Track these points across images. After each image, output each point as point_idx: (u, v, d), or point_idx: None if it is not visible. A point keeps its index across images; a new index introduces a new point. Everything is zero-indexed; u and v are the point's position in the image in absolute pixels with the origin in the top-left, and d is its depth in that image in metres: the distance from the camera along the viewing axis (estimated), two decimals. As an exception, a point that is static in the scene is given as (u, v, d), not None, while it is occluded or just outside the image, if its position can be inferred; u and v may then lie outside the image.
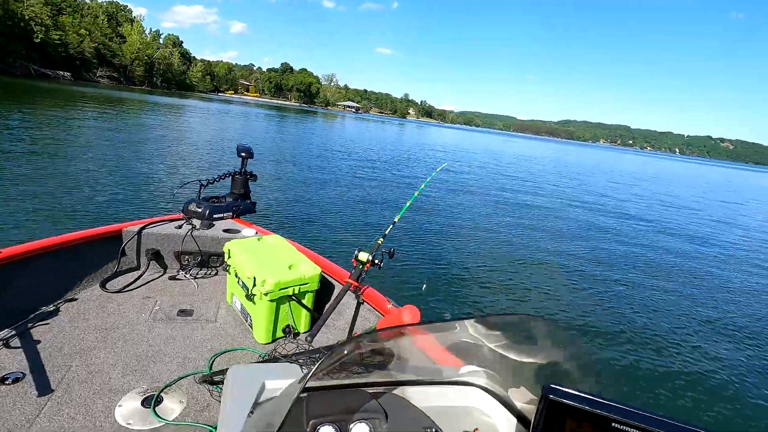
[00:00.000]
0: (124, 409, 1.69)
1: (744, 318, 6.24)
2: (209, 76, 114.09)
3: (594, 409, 0.67)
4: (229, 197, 3.46)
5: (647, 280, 7.25)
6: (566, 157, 55.47)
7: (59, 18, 61.94)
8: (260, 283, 2.19)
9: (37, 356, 1.88)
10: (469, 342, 1.09)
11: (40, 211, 6.18)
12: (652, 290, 6.83)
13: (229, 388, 1.05)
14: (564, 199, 15.84)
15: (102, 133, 15.19)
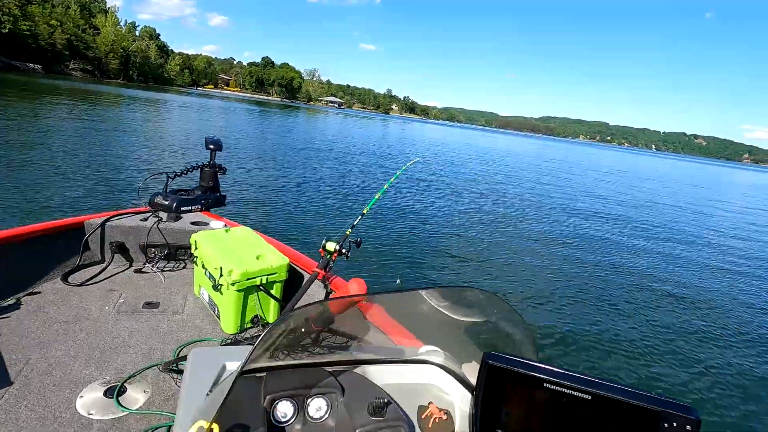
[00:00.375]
0: (85, 399, 1.67)
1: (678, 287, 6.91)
2: (188, 70, 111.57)
3: (528, 371, 0.71)
4: (198, 190, 3.41)
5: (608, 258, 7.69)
6: (546, 153, 56.53)
7: (28, 8, 59.51)
8: (227, 273, 2.18)
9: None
10: (419, 314, 1.12)
11: (2, 202, 5.99)
12: (609, 267, 7.35)
13: (190, 370, 1.06)
14: (541, 193, 16.22)
15: (71, 126, 14.75)
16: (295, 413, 0.99)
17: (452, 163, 22.93)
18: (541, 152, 56.21)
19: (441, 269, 6.28)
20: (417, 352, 1.27)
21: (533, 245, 8.40)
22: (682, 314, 5.87)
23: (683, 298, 6.50)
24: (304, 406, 1.00)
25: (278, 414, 0.98)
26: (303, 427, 0.99)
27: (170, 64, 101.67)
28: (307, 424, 1.00)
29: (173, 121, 24.10)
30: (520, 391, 0.73)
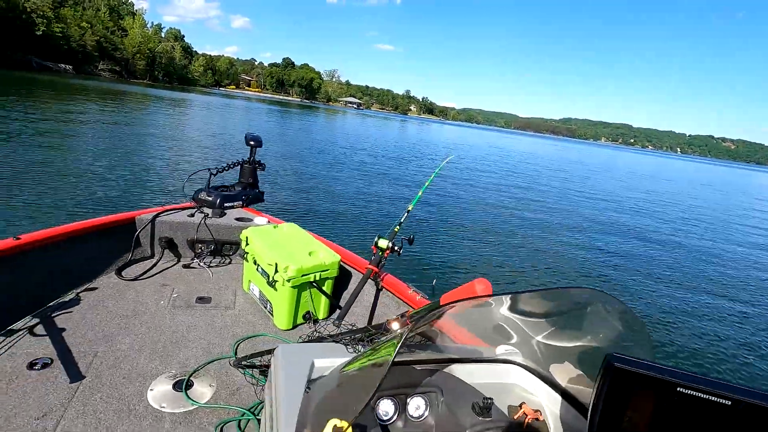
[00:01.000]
0: (156, 392, 1.70)
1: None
2: (211, 71, 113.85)
3: (660, 375, 0.67)
4: (238, 186, 3.45)
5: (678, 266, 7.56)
6: (568, 155, 55.53)
7: (61, 10, 61.65)
8: (282, 270, 2.20)
9: (63, 343, 1.90)
10: (517, 317, 1.10)
11: (52, 200, 6.23)
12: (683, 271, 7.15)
13: (280, 366, 1.06)
14: (565, 192, 15.95)
15: (107, 125, 15.19)
16: (396, 412, 0.99)
17: (478, 163, 22.78)
18: (561, 154, 55.30)
19: (484, 265, 6.28)
20: (496, 352, 1.26)
21: (570, 248, 8.27)
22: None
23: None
24: (405, 404, 1.00)
25: (380, 413, 0.98)
26: (405, 425, 0.99)
27: (194, 64, 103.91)
28: (408, 423, 1.00)
29: (200, 120, 24.60)
30: (647, 395, 0.69)
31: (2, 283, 2.03)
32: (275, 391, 1.03)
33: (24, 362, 1.74)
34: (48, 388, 1.63)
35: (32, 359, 1.76)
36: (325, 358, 1.09)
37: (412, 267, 5.51)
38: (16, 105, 16.36)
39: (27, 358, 1.76)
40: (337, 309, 2.58)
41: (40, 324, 2.00)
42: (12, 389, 1.59)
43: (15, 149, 8.98)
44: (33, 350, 1.82)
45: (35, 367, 1.72)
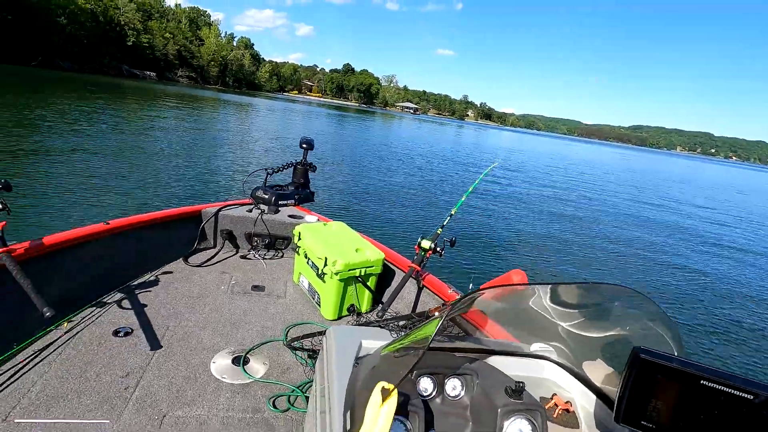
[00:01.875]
0: (217, 365, 1.94)
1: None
2: (276, 77, 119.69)
3: (684, 368, 0.71)
4: (291, 186, 3.71)
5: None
6: (636, 164, 51.82)
7: (148, 23, 68.09)
8: (331, 263, 2.38)
9: (141, 316, 2.20)
10: (550, 310, 1.16)
11: (135, 191, 7.04)
12: None
13: (332, 344, 1.21)
14: (629, 203, 14.97)
15: (182, 127, 16.62)
16: (434, 389, 1.09)
17: (530, 169, 22.06)
18: (629, 163, 51.69)
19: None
20: (531, 348, 1.32)
21: (623, 259, 7.85)
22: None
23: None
24: (443, 384, 1.10)
25: (420, 388, 1.08)
26: (442, 402, 1.09)
27: (261, 71, 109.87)
28: (446, 401, 1.10)
29: (263, 122, 26.09)
30: (671, 387, 0.73)
31: (95, 260, 2.36)
32: (327, 365, 1.17)
33: (110, 330, 2.04)
34: (129, 353, 1.91)
35: (117, 327, 2.06)
36: (371, 340, 1.23)
37: (453, 268, 5.56)
38: (109, 107, 18.39)
39: (112, 326, 2.07)
40: (379, 304, 2.73)
41: (123, 298, 2.33)
42: (101, 351, 1.89)
43: (107, 146, 10.16)
44: (117, 320, 2.14)
45: (119, 334, 2.02)
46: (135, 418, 1.56)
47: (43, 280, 1.79)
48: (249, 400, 1.75)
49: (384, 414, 0.78)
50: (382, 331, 1.38)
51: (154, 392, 1.70)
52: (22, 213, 5.10)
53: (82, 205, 5.92)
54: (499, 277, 1.29)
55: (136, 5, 64.61)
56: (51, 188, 6.36)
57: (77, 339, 1.93)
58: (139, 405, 1.62)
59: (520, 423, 0.99)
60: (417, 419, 0.93)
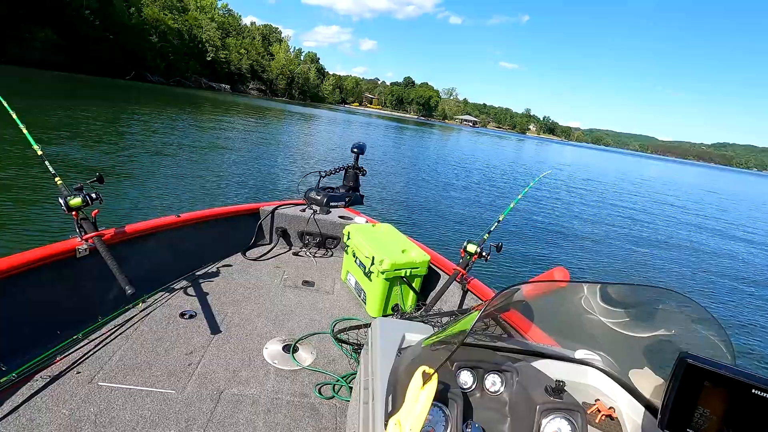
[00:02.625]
0: (269, 350, 2.08)
1: None
2: (338, 89, 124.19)
3: (734, 375, 0.68)
4: (342, 188, 3.86)
5: None
6: (724, 185, 47.04)
7: (226, 40, 73.85)
8: (378, 262, 2.47)
9: (204, 302, 2.40)
10: (595, 311, 1.14)
11: (204, 187, 7.71)
12: None
13: (377, 335, 1.28)
14: (709, 226, 13.61)
15: (247, 133, 17.82)
16: (474, 383, 1.11)
17: (591, 184, 20.85)
18: (713, 183, 47.01)
19: None
20: (575, 355, 1.29)
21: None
22: None
23: None
24: (483, 379, 1.12)
25: (460, 380, 1.11)
26: (481, 396, 1.11)
27: (325, 84, 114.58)
28: (484, 395, 1.11)
29: (324, 131, 27.22)
30: (719, 395, 0.70)
31: (167, 248, 2.60)
32: (372, 353, 1.24)
33: (177, 312, 2.26)
34: (193, 333, 2.10)
35: (183, 310, 2.28)
36: (414, 333, 1.29)
37: (498, 273, 5.44)
38: (188, 116, 20.18)
39: (179, 308, 2.29)
40: (423, 305, 2.77)
41: (189, 284, 2.56)
42: (170, 329, 2.10)
43: (182, 148, 11.17)
44: (183, 304, 2.35)
45: (185, 317, 2.23)
46: (196, 391, 1.72)
47: (124, 263, 2.01)
48: (297, 385, 1.86)
49: (424, 396, 0.79)
50: (425, 326, 1.42)
51: (213, 370, 1.86)
52: (109, 203, 5.72)
53: (158, 197, 6.58)
54: (541, 274, 1.28)
55: (216, 24, 70.47)
56: (133, 182, 7.13)
57: (150, 318, 2.16)
58: (201, 380, 1.78)
59: (559, 422, 0.98)
60: (456, 408, 0.93)
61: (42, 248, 1.86)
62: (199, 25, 65.91)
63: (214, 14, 73.47)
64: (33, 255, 1.80)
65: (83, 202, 1.93)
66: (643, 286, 1.01)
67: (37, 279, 1.83)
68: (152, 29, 52.28)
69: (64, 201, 1.90)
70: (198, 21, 66.02)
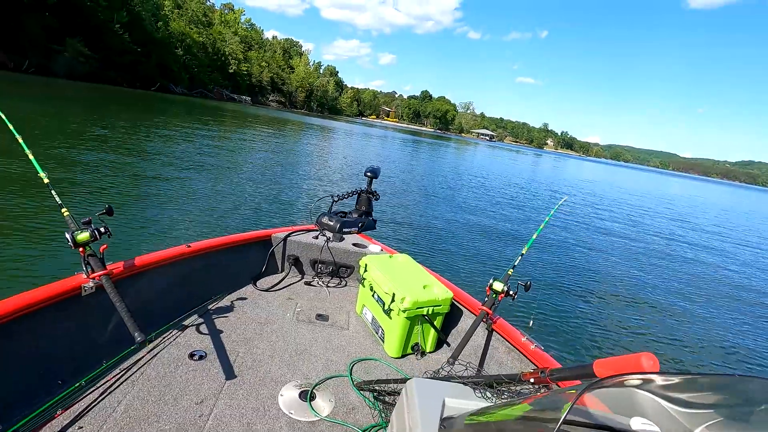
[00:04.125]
0: (285, 398, 1.90)
1: None
2: (356, 102, 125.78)
3: None
4: (355, 213, 3.69)
5: None
6: (752, 204, 45.48)
7: (248, 53, 75.77)
8: (399, 300, 2.31)
9: (215, 340, 2.25)
10: (674, 402, 0.92)
11: (214, 213, 7.36)
12: None
13: (414, 398, 1.14)
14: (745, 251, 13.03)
15: (262, 148, 17.94)
16: None
17: (617, 205, 20.35)
18: (743, 203, 45.48)
19: (595, 323, 5.60)
20: (630, 425, 1.09)
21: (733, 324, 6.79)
22: None
23: None
24: None
25: None
26: None
27: (343, 96, 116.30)
28: None
29: (339, 147, 27.32)
30: None
31: (176, 280, 2.45)
32: (409, 420, 1.11)
33: (186, 352, 2.09)
34: (203, 378, 1.94)
35: (192, 350, 2.11)
36: (455, 399, 1.15)
37: (523, 310, 5.18)
38: (207, 129, 20.53)
39: (188, 348, 2.13)
40: (444, 345, 2.59)
41: (198, 319, 2.40)
42: (178, 374, 1.94)
43: (195, 168, 11.13)
44: (193, 342, 2.19)
45: (194, 357, 2.06)
46: None
47: (133, 298, 1.90)
48: None
49: None
50: (466, 388, 1.29)
51: (226, 422, 1.71)
52: (118, 232, 5.30)
53: (169, 223, 6.23)
54: (622, 357, 1.09)
55: (239, 38, 72.44)
56: (143, 207, 6.70)
57: (158, 359, 2.01)
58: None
59: None
60: None
61: (44, 287, 1.74)
62: (222, 38, 67.85)
63: (238, 28, 75.59)
64: (34, 296, 1.68)
65: (91, 237, 1.82)
66: (744, 377, 0.78)
67: (38, 322, 1.71)
68: (178, 42, 53.95)
69: (70, 236, 1.79)
70: (222, 35, 67.99)
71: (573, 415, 0.75)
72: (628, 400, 0.93)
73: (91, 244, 1.85)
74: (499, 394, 1.37)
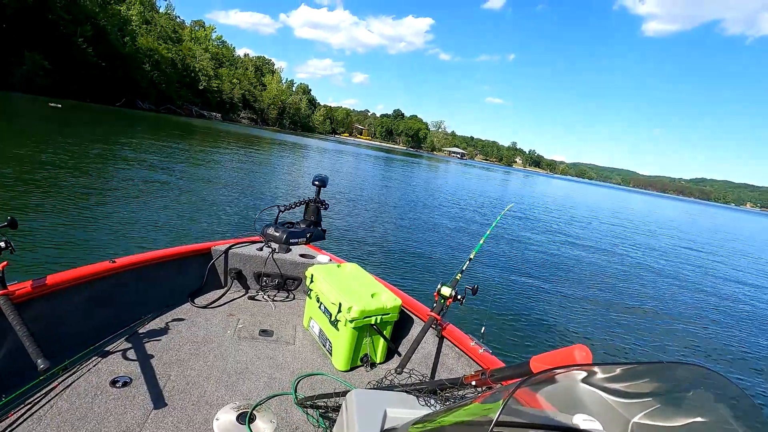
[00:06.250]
0: (221, 422, 1.75)
1: None
2: (329, 120, 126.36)
3: None
4: (303, 223, 3.58)
5: None
6: (701, 219, 48.08)
7: (219, 70, 75.13)
8: (346, 310, 2.23)
9: (142, 363, 2.05)
10: (608, 391, 0.92)
11: (145, 228, 6.67)
12: None
13: (353, 411, 1.09)
14: (679, 255, 13.68)
15: (231, 162, 17.58)
16: None
17: (564, 215, 21.06)
18: (693, 218, 48.04)
19: (541, 323, 5.76)
20: (573, 421, 1.06)
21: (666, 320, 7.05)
22: None
23: None
24: None
25: None
26: None
27: (316, 114, 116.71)
28: None
29: (310, 162, 27.20)
30: None
31: (99, 300, 2.24)
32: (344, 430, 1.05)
33: (107, 379, 1.88)
34: (126, 407, 1.74)
35: (115, 377, 1.90)
36: (397, 408, 1.10)
37: (472, 315, 5.20)
38: (176, 144, 19.94)
39: (111, 374, 1.91)
40: (395, 354, 2.52)
41: (125, 342, 2.18)
42: (96, 404, 1.73)
43: (133, 182, 10.49)
44: (116, 367, 1.97)
45: (117, 384, 1.85)
46: None
47: (44, 322, 1.70)
48: None
49: None
50: (409, 397, 1.23)
51: None
52: (30, 250, 4.86)
53: (94, 241, 5.65)
54: (555, 351, 1.07)
55: (210, 54, 71.87)
56: (64, 223, 6.05)
57: (72, 389, 1.79)
58: None
59: None
60: None
61: None
62: (192, 55, 67.11)
63: (209, 45, 75.12)
64: None
65: None
66: (673, 364, 0.75)
67: None
68: (145, 58, 52.90)
69: None
70: (192, 51, 67.28)
71: (510, 415, 0.73)
72: (570, 394, 0.94)
73: None
74: (443, 400, 1.33)
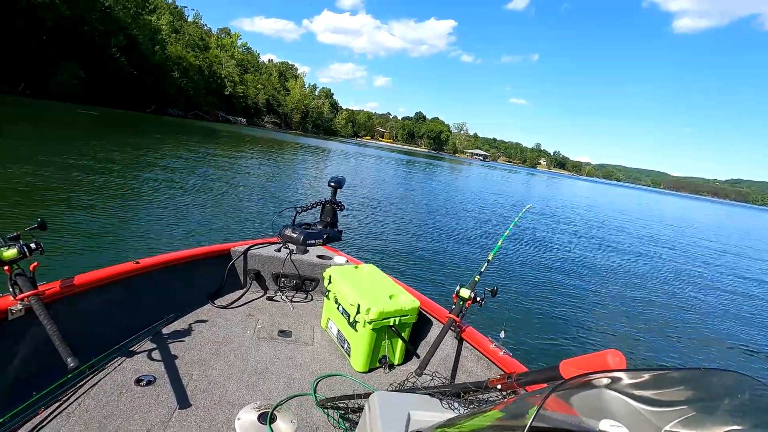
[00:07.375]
0: (242, 422, 1.78)
1: None
2: (351, 123, 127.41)
3: None
4: (319, 224, 3.60)
5: None
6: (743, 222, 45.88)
7: (244, 76, 76.92)
8: (364, 311, 2.24)
9: (165, 363, 2.09)
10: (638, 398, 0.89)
11: (167, 229, 6.81)
12: None
13: (376, 413, 1.09)
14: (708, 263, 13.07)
15: (253, 164, 17.92)
16: None
17: (590, 218, 20.45)
18: (732, 221, 45.89)
19: (563, 326, 5.61)
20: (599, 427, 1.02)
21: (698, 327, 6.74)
22: None
23: None
24: None
25: None
26: None
27: (338, 118, 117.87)
28: None
29: (331, 164, 27.45)
30: None
31: (123, 300, 2.30)
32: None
33: (132, 377, 1.93)
34: (151, 405, 1.79)
35: (139, 375, 1.94)
36: (421, 411, 1.10)
37: (492, 317, 5.12)
38: (203, 148, 20.51)
39: (135, 374, 1.96)
40: (413, 356, 2.51)
41: (148, 342, 2.23)
42: (122, 402, 1.78)
43: (157, 184, 10.70)
44: (141, 366, 2.02)
45: (141, 383, 1.89)
46: None
47: (71, 322, 1.74)
48: None
49: None
50: (432, 400, 1.23)
51: None
52: (59, 251, 4.97)
53: (118, 243, 5.82)
54: (587, 356, 1.03)
55: (236, 61, 73.71)
56: (86, 225, 6.17)
57: (99, 387, 1.84)
58: None
59: None
60: None
61: None
62: (219, 62, 68.97)
63: (234, 52, 77.04)
64: None
65: (19, 254, 1.65)
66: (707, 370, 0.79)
67: None
68: (174, 66, 54.68)
69: None
70: (218, 58, 69.16)
71: (539, 420, 0.71)
72: (597, 401, 0.90)
73: (20, 261, 1.69)
74: (467, 404, 1.32)
